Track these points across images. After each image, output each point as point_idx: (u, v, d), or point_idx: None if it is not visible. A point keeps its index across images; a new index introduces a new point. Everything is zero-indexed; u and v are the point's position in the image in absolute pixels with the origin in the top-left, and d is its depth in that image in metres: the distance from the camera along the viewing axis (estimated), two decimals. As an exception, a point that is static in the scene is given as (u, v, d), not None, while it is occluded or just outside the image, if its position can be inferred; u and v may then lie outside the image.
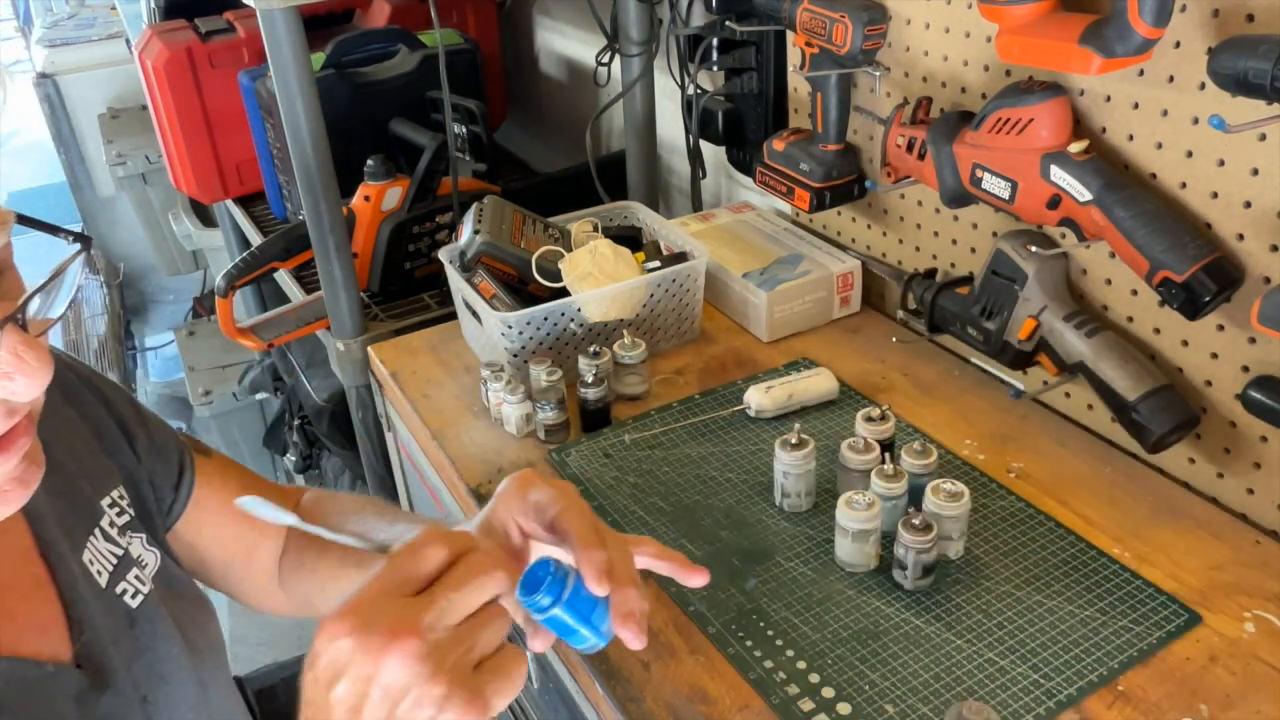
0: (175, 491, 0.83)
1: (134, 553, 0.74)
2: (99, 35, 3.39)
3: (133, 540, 0.75)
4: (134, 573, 0.73)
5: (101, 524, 0.73)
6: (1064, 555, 0.95)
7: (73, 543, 0.70)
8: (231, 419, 2.81)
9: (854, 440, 1.01)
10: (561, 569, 0.64)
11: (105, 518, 0.74)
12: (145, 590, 0.73)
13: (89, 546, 0.71)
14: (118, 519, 0.75)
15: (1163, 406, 0.96)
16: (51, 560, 0.67)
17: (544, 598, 0.63)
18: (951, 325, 1.15)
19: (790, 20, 1.22)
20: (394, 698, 0.55)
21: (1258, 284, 0.90)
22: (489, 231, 1.28)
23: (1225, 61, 0.78)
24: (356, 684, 0.55)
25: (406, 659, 0.54)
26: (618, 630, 0.65)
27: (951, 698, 0.82)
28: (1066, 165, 0.97)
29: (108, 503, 0.75)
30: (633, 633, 0.64)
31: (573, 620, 0.64)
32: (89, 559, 0.70)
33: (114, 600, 0.70)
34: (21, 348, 0.51)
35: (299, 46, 1.28)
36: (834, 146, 1.27)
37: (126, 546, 0.74)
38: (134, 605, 0.71)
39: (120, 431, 0.80)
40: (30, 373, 0.51)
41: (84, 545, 0.70)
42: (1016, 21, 0.95)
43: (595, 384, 1.15)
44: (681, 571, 0.70)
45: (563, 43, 2.16)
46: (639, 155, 1.71)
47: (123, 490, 0.77)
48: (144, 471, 0.80)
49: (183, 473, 0.84)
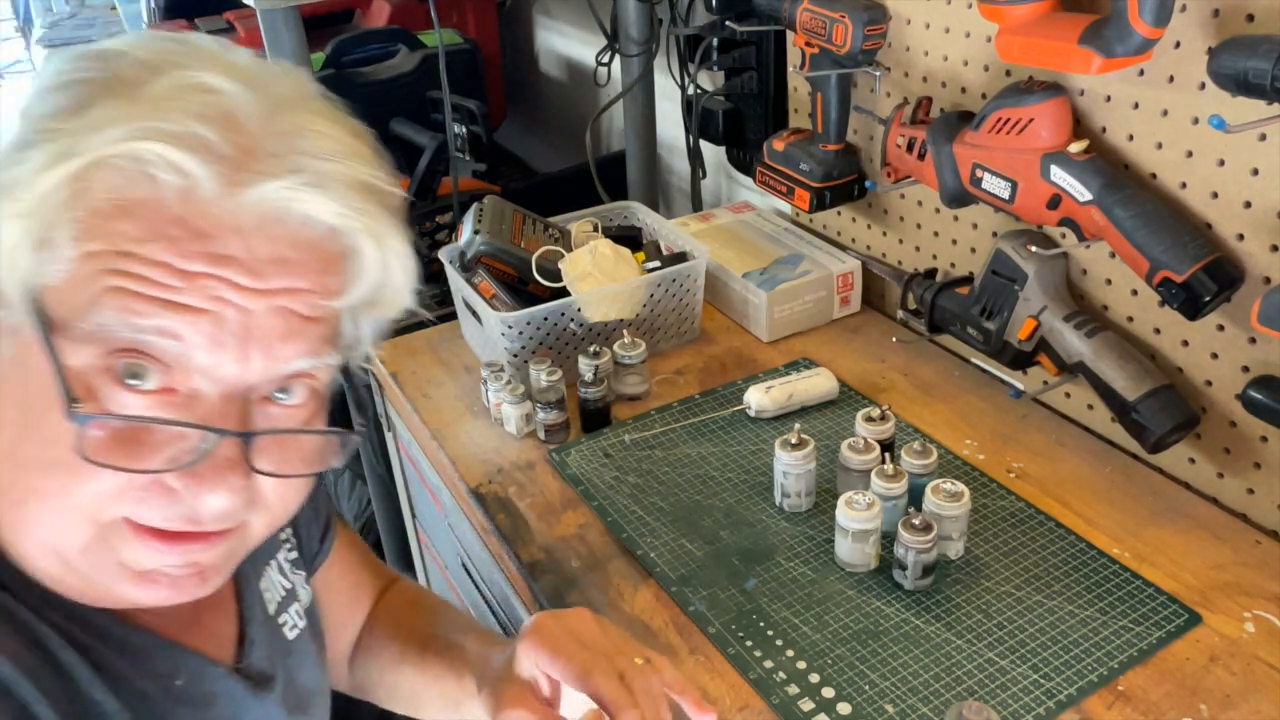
0: (320, 544, 0.86)
1: (297, 588, 0.78)
2: (99, 35, 3.39)
3: (297, 576, 0.79)
4: (295, 607, 0.77)
5: (278, 556, 0.77)
6: (1064, 555, 0.95)
7: (255, 568, 0.73)
8: (231, 419, 2.80)
9: (854, 440, 1.01)
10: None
11: (281, 551, 0.77)
12: (301, 626, 0.76)
13: (266, 574, 0.75)
14: (289, 554, 0.79)
15: (1163, 406, 0.96)
16: (239, 581, 0.71)
17: None
18: (951, 325, 1.15)
19: (790, 20, 1.22)
20: None
21: (1258, 284, 0.90)
22: (489, 231, 1.28)
23: (1225, 61, 0.78)
24: None
25: None
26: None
27: (951, 698, 0.82)
28: (1066, 165, 0.97)
29: (283, 537, 0.79)
30: None
31: None
32: (264, 586, 0.74)
33: (276, 629, 0.73)
34: (225, 467, 0.53)
35: (299, 46, 1.29)
36: (834, 146, 1.27)
37: (294, 582, 0.78)
38: (290, 638, 0.75)
39: None
40: (209, 492, 0.53)
41: (262, 573, 0.74)
42: (1016, 21, 0.95)
43: (595, 384, 1.15)
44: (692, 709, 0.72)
45: (563, 43, 2.16)
46: (639, 155, 1.71)
47: (291, 531, 0.80)
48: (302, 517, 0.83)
49: (328, 529, 0.87)
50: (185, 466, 0.52)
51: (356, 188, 0.54)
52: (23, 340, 0.51)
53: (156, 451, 0.52)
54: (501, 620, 1.16)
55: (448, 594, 1.45)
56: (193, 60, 0.53)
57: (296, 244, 0.53)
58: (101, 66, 0.53)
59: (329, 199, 0.53)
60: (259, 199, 0.51)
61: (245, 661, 0.68)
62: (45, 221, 0.49)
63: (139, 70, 0.52)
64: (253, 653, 0.69)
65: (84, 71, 0.53)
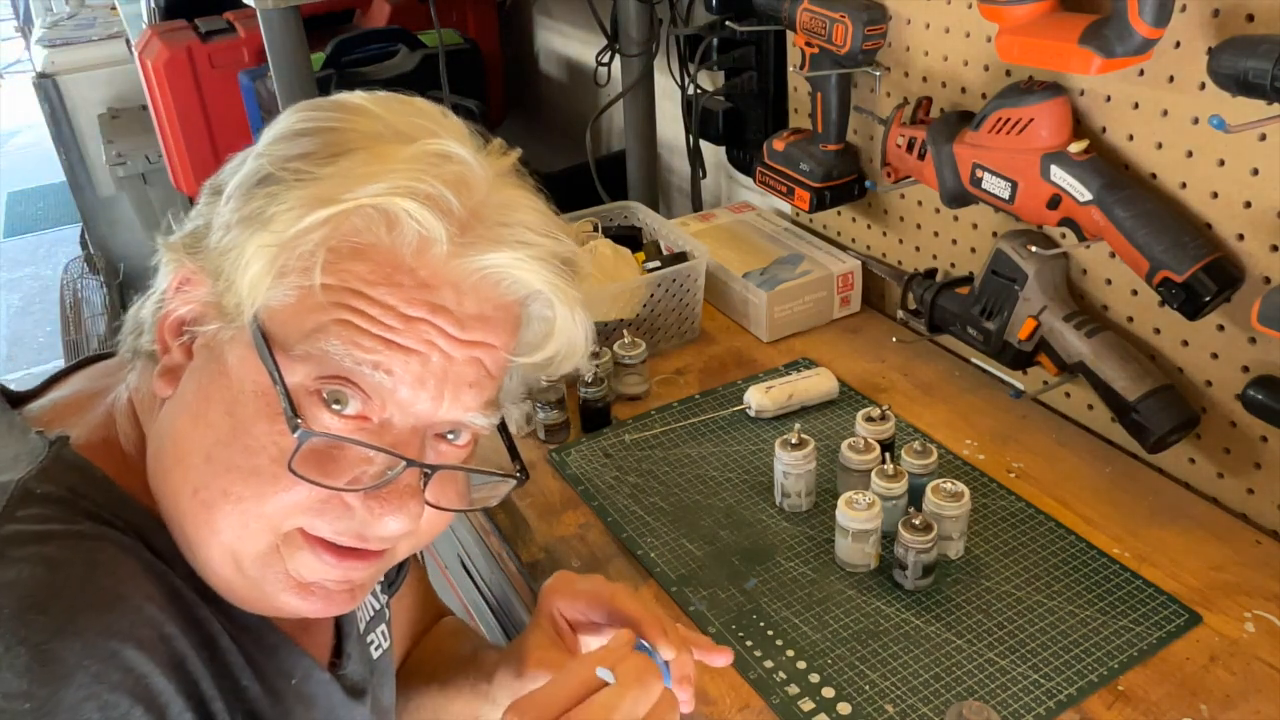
0: (398, 571, 0.88)
1: (385, 609, 0.81)
2: (99, 35, 3.39)
3: (384, 597, 0.82)
4: (381, 628, 0.79)
5: None
6: (1064, 555, 0.95)
7: None
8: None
9: (854, 440, 1.01)
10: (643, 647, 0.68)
11: None
12: (385, 646, 0.79)
13: None
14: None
15: (1163, 406, 0.96)
16: None
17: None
18: (951, 325, 1.15)
19: (790, 20, 1.22)
20: None
21: (1258, 284, 0.90)
22: (489, 231, 1.27)
23: (1225, 61, 0.78)
24: None
25: None
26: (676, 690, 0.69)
27: (951, 698, 0.82)
28: (1066, 165, 0.97)
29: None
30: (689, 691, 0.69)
31: None
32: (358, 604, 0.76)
33: (364, 647, 0.76)
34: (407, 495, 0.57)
35: (299, 46, 1.29)
36: (834, 146, 1.27)
37: (383, 602, 0.81)
38: (375, 656, 0.77)
39: None
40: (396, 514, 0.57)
41: None
42: (1016, 21, 0.95)
43: (595, 384, 1.15)
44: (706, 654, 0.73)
45: (563, 43, 2.16)
46: (639, 155, 1.71)
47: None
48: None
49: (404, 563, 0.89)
50: (370, 488, 0.57)
51: (562, 261, 0.60)
52: (238, 353, 0.56)
53: (346, 470, 0.57)
54: (502, 620, 1.16)
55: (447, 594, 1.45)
56: (439, 129, 0.60)
57: (498, 306, 0.59)
58: (343, 119, 0.59)
59: (544, 271, 0.59)
60: (485, 264, 0.57)
61: (341, 673, 0.71)
62: (293, 254, 0.54)
63: (388, 131, 0.58)
64: (348, 665, 0.72)
65: (329, 121, 0.59)
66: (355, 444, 0.56)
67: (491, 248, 0.57)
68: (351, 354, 0.55)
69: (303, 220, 0.54)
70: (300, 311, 0.55)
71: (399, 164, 0.56)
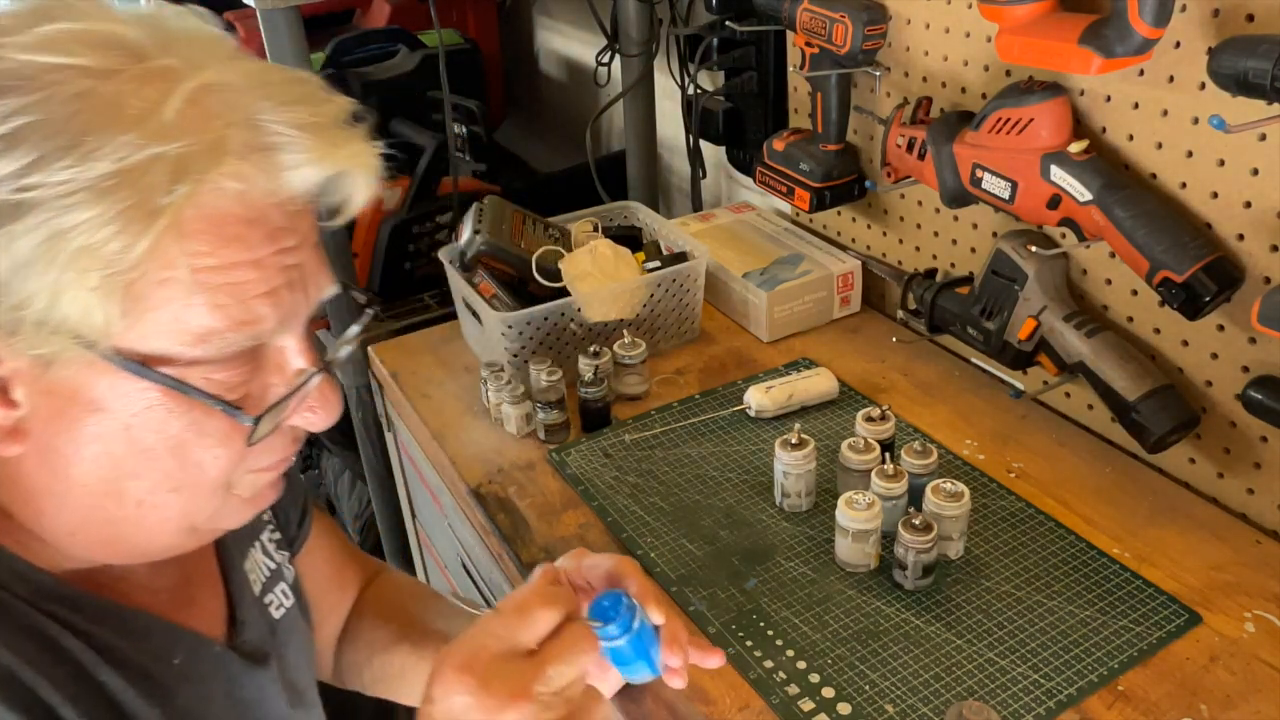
0: (299, 527, 0.89)
1: (283, 568, 0.81)
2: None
3: (282, 556, 0.82)
4: (281, 586, 0.80)
5: (261, 537, 0.80)
6: (1064, 555, 0.95)
7: (240, 549, 0.77)
8: (231, 419, 2.80)
9: (854, 440, 1.01)
10: (632, 604, 0.67)
11: (264, 532, 0.81)
12: (287, 605, 0.80)
13: (250, 555, 0.78)
14: (273, 535, 0.82)
15: (1163, 406, 0.96)
16: (224, 561, 0.75)
17: (615, 629, 0.66)
18: (951, 325, 1.15)
19: (790, 20, 1.22)
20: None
21: (1258, 284, 0.90)
22: (489, 231, 1.28)
23: (1225, 61, 0.78)
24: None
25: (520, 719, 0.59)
26: (666, 655, 0.69)
27: (951, 698, 0.82)
28: (1066, 165, 0.97)
29: (266, 518, 0.82)
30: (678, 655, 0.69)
31: (632, 652, 0.67)
32: (249, 567, 0.77)
33: (264, 609, 0.77)
34: (328, 388, 0.61)
35: (299, 46, 1.29)
36: (834, 146, 1.27)
37: (279, 562, 0.81)
38: (277, 617, 0.78)
39: None
40: (332, 410, 0.62)
41: (247, 553, 0.78)
42: (1016, 21, 0.95)
43: (595, 384, 1.15)
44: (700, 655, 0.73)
45: (563, 43, 2.16)
46: (639, 155, 1.71)
47: (271, 513, 0.83)
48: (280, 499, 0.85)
49: (305, 513, 0.90)
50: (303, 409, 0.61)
51: (329, 126, 0.57)
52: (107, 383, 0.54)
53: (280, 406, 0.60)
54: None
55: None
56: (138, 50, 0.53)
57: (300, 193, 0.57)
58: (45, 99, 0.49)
59: (326, 159, 0.56)
60: (288, 183, 0.55)
61: (239, 640, 0.72)
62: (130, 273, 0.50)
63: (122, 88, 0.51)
64: (245, 632, 0.72)
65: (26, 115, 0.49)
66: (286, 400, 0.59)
67: (284, 167, 0.55)
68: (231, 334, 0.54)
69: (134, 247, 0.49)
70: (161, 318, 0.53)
71: (152, 132, 0.50)
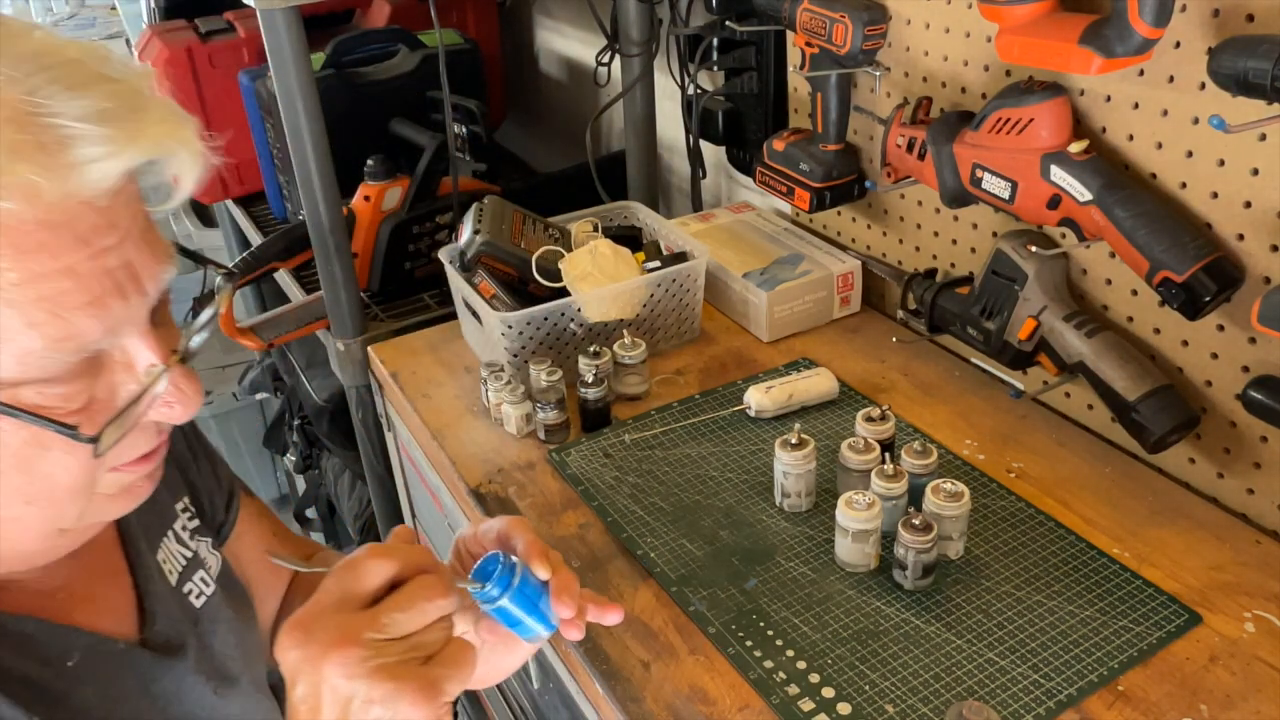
0: (226, 513, 0.88)
1: (201, 555, 0.80)
2: (99, 35, 3.39)
3: (200, 544, 0.81)
4: (200, 574, 0.79)
5: (174, 527, 0.79)
6: (1064, 555, 0.95)
7: (150, 541, 0.76)
8: (231, 419, 2.81)
9: (854, 440, 1.01)
10: (510, 561, 0.68)
11: (178, 521, 0.80)
12: (209, 592, 0.79)
13: (163, 546, 0.77)
14: (189, 523, 0.81)
15: (1163, 406, 0.96)
16: (131, 554, 0.74)
17: (494, 589, 0.66)
18: (951, 325, 1.15)
19: (790, 20, 1.22)
20: (343, 700, 0.58)
21: (1258, 284, 0.90)
22: (489, 231, 1.28)
23: (1225, 61, 0.78)
24: (309, 688, 0.59)
25: (346, 664, 0.58)
26: (556, 607, 0.69)
27: (951, 698, 0.82)
28: (1066, 165, 0.97)
29: (180, 507, 0.81)
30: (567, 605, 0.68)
31: (519, 610, 0.68)
32: (163, 558, 0.76)
33: (182, 599, 0.76)
34: (183, 381, 0.59)
35: (299, 46, 1.28)
36: (834, 146, 1.27)
37: (195, 549, 0.80)
38: (198, 605, 0.77)
39: (187, 446, 0.86)
40: (189, 403, 0.60)
41: (159, 545, 0.77)
42: (1016, 21, 0.95)
43: (595, 384, 1.15)
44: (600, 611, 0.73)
45: (563, 43, 2.16)
46: (639, 155, 1.71)
47: (188, 500, 0.83)
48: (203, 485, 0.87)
49: (232, 497, 0.90)
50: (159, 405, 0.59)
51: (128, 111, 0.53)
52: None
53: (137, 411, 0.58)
54: (501, 620, 1.16)
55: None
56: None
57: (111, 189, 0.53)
58: None
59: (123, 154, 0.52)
60: (91, 178, 0.51)
61: (149, 632, 0.71)
62: None
63: None
64: (156, 623, 0.72)
65: None
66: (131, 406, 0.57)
67: (79, 163, 0.50)
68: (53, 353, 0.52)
69: None
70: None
71: None
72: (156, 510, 0.77)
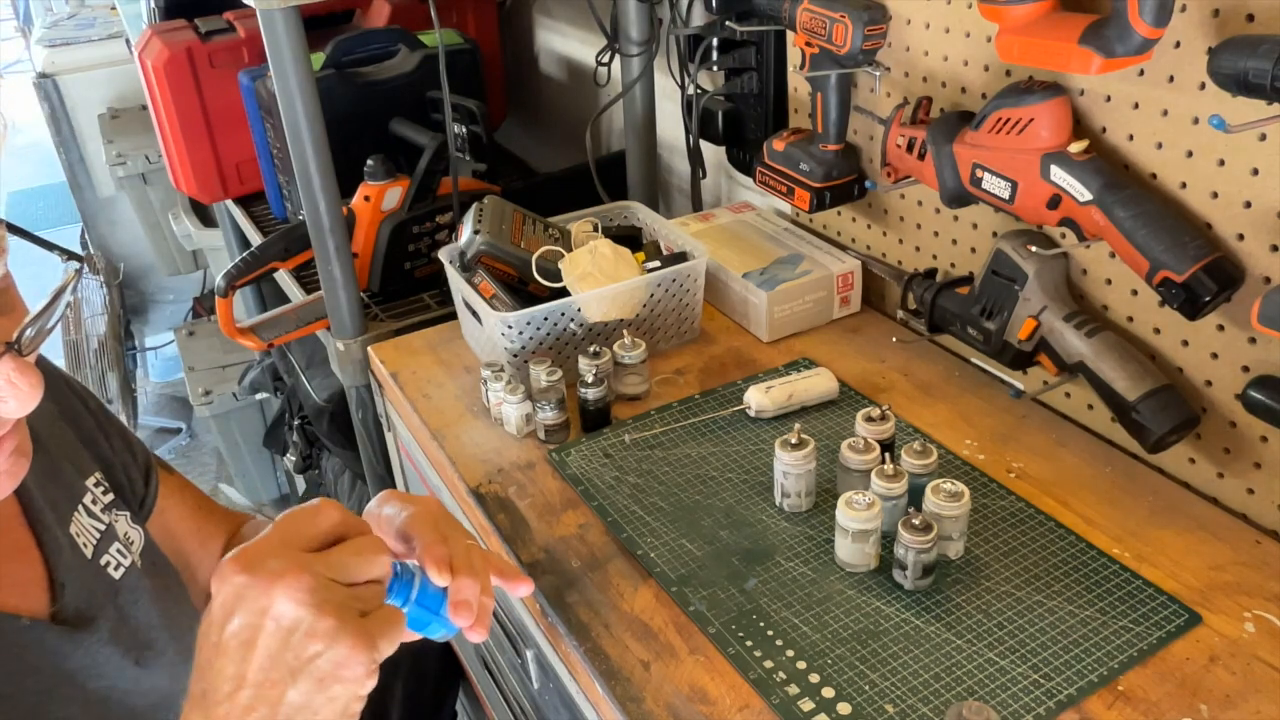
0: (145, 486, 0.89)
1: (119, 529, 0.81)
2: (99, 35, 3.38)
3: (117, 518, 0.81)
4: (116, 546, 0.79)
5: (85, 501, 0.80)
6: (1064, 555, 0.95)
7: (59, 516, 0.76)
8: (231, 419, 2.80)
9: (854, 440, 1.01)
10: (408, 569, 0.67)
11: (88, 495, 0.80)
12: (127, 564, 0.79)
13: (75, 520, 0.77)
14: (102, 497, 0.81)
15: (1163, 406, 0.96)
16: (37, 530, 0.74)
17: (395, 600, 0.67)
18: (951, 325, 1.15)
19: (790, 20, 1.22)
20: (286, 627, 0.57)
21: (1258, 284, 0.90)
22: (489, 231, 1.28)
23: (1225, 61, 0.78)
24: (250, 616, 0.58)
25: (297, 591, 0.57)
26: (453, 618, 0.68)
27: (951, 698, 0.82)
28: (1066, 165, 0.97)
29: (92, 482, 0.82)
30: (464, 616, 0.68)
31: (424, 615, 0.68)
32: (75, 531, 0.76)
33: (98, 570, 0.76)
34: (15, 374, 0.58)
35: (299, 46, 1.28)
36: (834, 146, 1.27)
37: (110, 523, 0.80)
38: (116, 576, 0.77)
39: (95, 424, 0.87)
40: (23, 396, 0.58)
41: (70, 519, 0.77)
42: (1016, 21, 0.95)
43: (595, 384, 1.15)
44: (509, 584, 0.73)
45: (563, 43, 2.16)
46: (639, 155, 1.71)
47: (100, 476, 0.83)
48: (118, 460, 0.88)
49: (150, 471, 0.91)
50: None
51: None
52: None
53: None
54: (501, 620, 1.16)
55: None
56: None
57: None
58: None
59: None
60: None
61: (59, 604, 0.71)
62: None
63: None
64: (65, 596, 0.72)
65: None
66: None
67: None
68: None
69: None
70: None
71: None
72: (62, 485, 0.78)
